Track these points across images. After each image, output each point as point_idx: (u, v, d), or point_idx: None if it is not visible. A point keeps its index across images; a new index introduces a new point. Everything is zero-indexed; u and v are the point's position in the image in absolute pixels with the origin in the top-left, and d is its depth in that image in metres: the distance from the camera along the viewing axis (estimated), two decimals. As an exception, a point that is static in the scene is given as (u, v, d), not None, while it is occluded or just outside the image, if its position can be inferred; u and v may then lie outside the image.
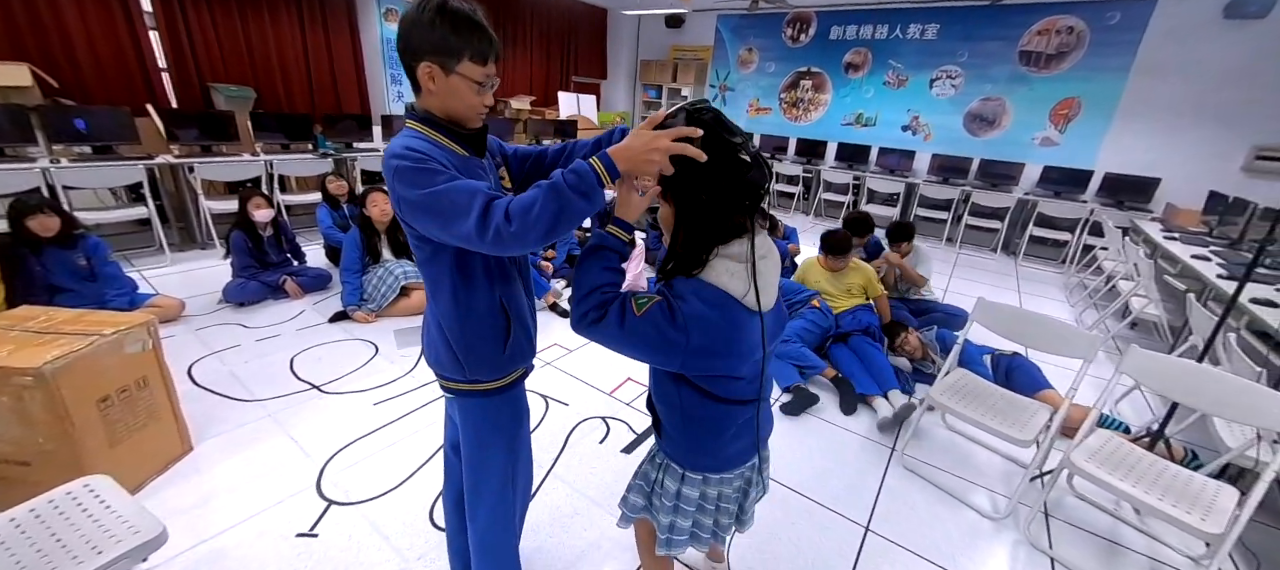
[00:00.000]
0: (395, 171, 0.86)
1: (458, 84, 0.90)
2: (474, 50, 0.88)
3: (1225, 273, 2.79)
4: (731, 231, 0.91)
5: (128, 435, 1.64)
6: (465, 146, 0.97)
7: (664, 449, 1.12)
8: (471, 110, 0.94)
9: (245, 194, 3.14)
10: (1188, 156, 4.87)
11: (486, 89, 0.93)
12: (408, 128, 0.94)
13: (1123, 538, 1.80)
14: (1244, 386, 1.49)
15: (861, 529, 1.75)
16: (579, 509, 1.75)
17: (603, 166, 0.83)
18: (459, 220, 0.82)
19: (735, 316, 0.90)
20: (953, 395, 1.97)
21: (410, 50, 0.88)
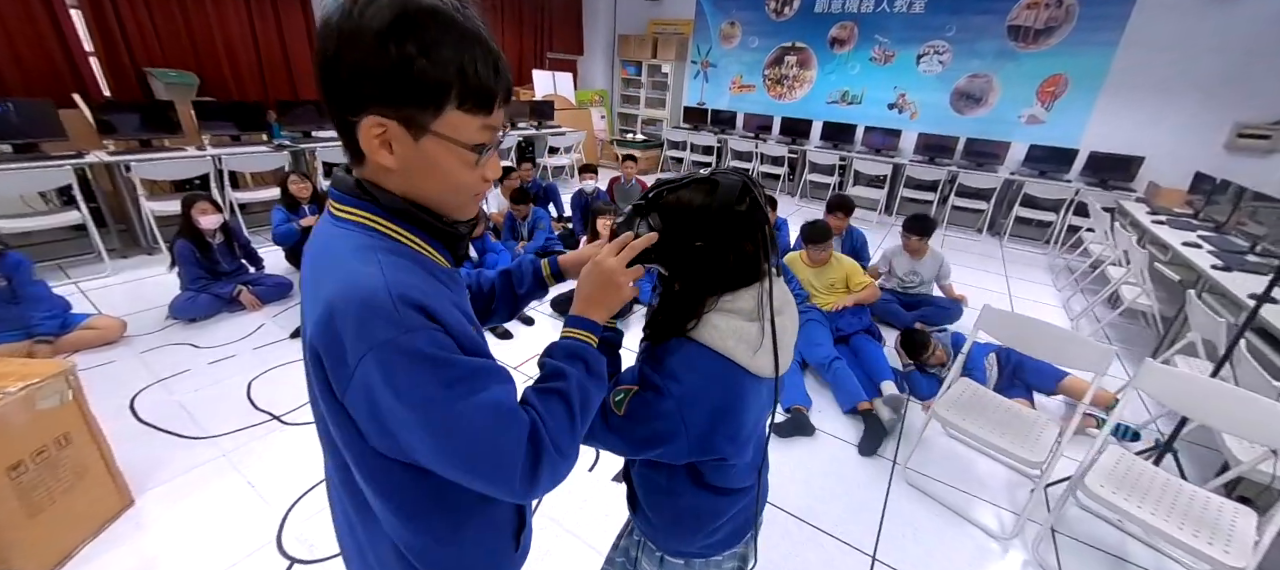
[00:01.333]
0: (384, 355, 0.48)
1: (438, 153, 0.53)
2: (469, 88, 0.51)
3: (1221, 264, 2.75)
4: (741, 277, 0.73)
5: (50, 503, 1.43)
6: (447, 250, 0.62)
7: (639, 526, 0.96)
8: (463, 193, 0.59)
9: (190, 200, 2.84)
10: (1171, 134, 4.86)
11: (490, 153, 0.57)
12: (361, 225, 0.55)
13: (1130, 553, 1.76)
14: (1259, 404, 1.42)
15: (868, 559, 1.67)
16: (569, 550, 1.62)
17: (587, 333, 0.67)
18: (492, 467, 0.52)
19: (740, 389, 0.72)
20: (958, 410, 1.88)
21: (341, 89, 0.50)
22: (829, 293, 2.80)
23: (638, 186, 4.70)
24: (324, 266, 0.55)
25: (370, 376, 0.49)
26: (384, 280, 0.50)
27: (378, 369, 0.48)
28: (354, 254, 0.53)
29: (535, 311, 3.17)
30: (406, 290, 0.51)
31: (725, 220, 0.69)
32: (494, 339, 2.85)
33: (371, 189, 0.56)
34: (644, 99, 8.09)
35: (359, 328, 0.48)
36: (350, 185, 0.57)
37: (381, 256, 0.53)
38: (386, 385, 0.49)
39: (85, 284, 3.13)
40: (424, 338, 0.50)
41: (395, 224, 0.57)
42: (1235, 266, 2.72)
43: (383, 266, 0.51)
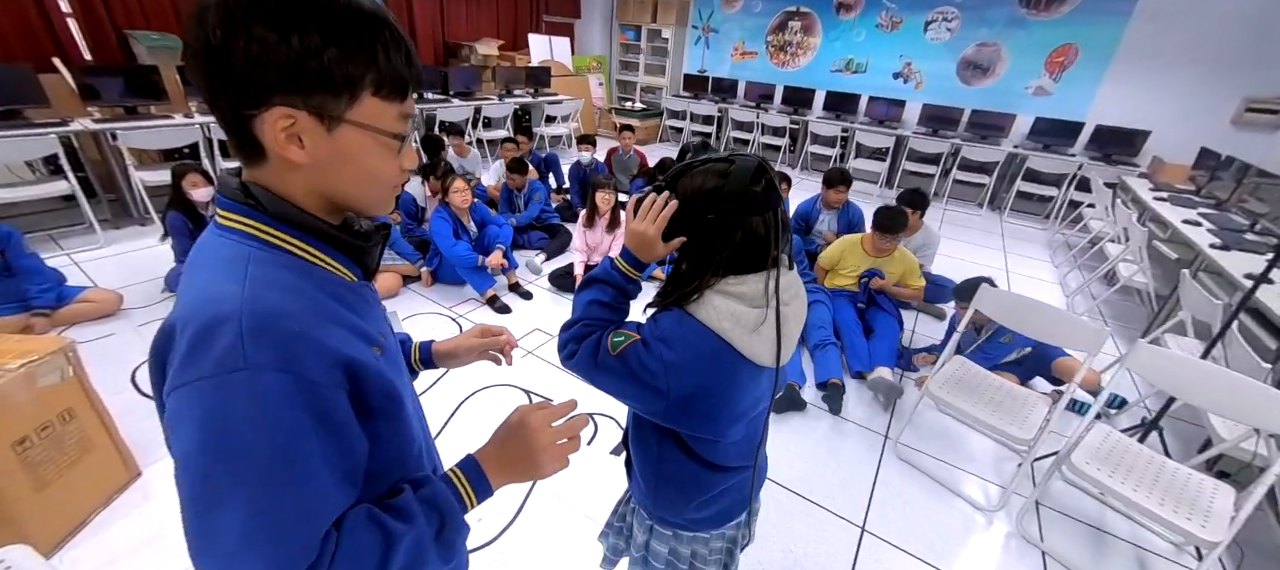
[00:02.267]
0: (198, 394, 0.42)
1: (355, 144, 0.49)
2: (384, 73, 0.48)
3: (1220, 242, 2.75)
4: (748, 261, 0.73)
5: (57, 476, 1.46)
6: (351, 261, 0.56)
7: (633, 492, 1.01)
8: (382, 186, 0.53)
9: (180, 170, 2.78)
10: (1178, 108, 4.78)
11: (408, 141, 0.53)
12: (243, 233, 0.49)
13: (1109, 524, 1.82)
14: (1249, 387, 1.44)
15: (858, 530, 1.72)
16: (569, 522, 1.67)
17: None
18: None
19: (732, 371, 0.74)
20: (951, 388, 1.91)
21: (235, 81, 0.44)
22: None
23: (636, 158, 4.63)
24: (191, 277, 0.49)
25: (177, 411, 0.42)
26: (241, 300, 0.43)
27: (189, 406, 0.42)
28: (221, 265, 0.47)
29: (534, 286, 3.17)
30: (269, 316, 0.43)
31: (739, 199, 0.71)
32: (492, 313, 2.86)
33: (257, 192, 0.49)
34: (643, 66, 7.88)
35: (190, 352, 0.42)
36: (233, 188, 0.50)
37: (253, 269, 0.46)
38: (195, 423, 0.41)
39: (78, 255, 3.11)
40: (262, 380, 0.42)
41: (285, 232, 0.50)
42: (1233, 245, 2.73)
43: (249, 282, 0.45)
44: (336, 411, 0.47)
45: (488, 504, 1.76)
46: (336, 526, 0.47)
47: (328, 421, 0.46)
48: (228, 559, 0.42)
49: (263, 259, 0.48)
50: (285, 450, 0.43)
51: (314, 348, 0.45)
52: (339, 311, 0.51)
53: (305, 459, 0.44)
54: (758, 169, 0.71)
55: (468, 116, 5.52)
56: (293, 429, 0.43)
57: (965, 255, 4.17)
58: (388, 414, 0.53)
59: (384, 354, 0.55)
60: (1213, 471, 1.85)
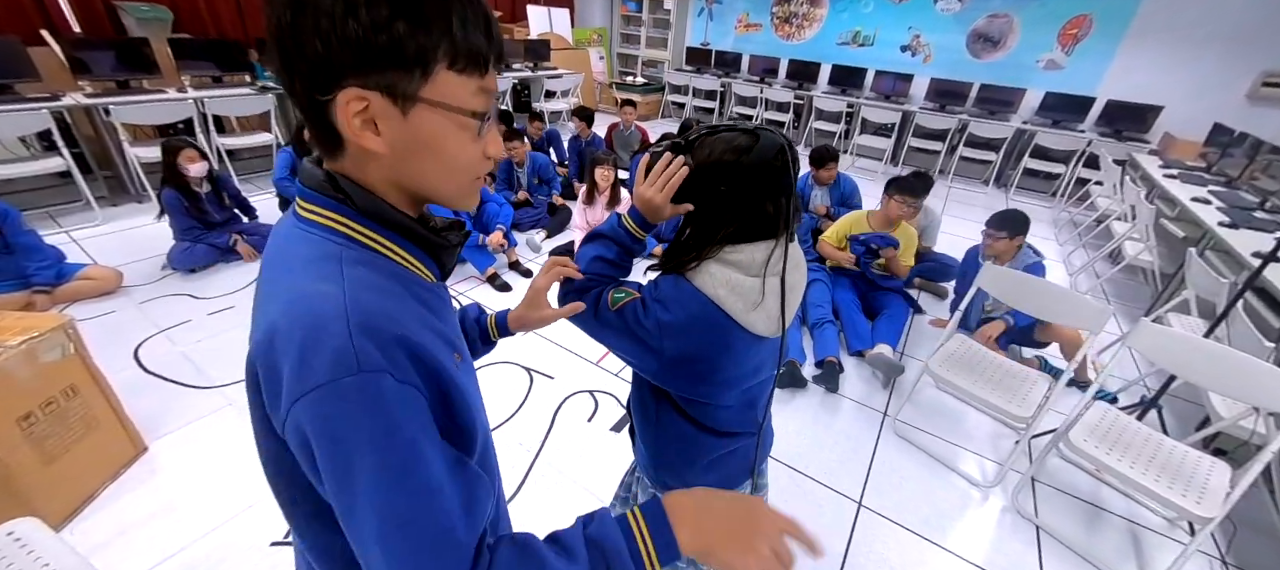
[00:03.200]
0: (323, 399, 0.39)
1: (433, 126, 0.45)
2: (460, 43, 0.44)
3: (1228, 221, 2.72)
4: (752, 231, 0.73)
5: (63, 451, 1.48)
6: (432, 261, 0.54)
7: (637, 459, 1.03)
8: (465, 174, 0.49)
9: (173, 146, 2.75)
10: (1192, 82, 4.66)
11: (489, 123, 0.49)
12: (328, 228, 0.47)
13: (1104, 500, 1.84)
14: (1250, 365, 1.43)
15: (855, 505, 1.75)
16: (571, 497, 1.70)
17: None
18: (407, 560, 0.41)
19: (725, 338, 0.74)
20: (951, 366, 1.92)
21: (306, 63, 0.42)
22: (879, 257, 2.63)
23: (637, 133, 4.56)
24: (277, 277, 0.47)
25: (303, 425, 0.40)
26: (344, 302, 0.42)
27: (313, 418, 0.40)
28: (312, 264, 0.45)
29: (534, 264, 3.16)
30: (373, 317, 0.42)
31: (756, 176, 0.71)
32: (491, 290, 2.85)
33: (345, 185, 0.47)
34: (645, 38, 7.71)
35: (301, 360, 0.40)
36: (319, 180, 0.47)
37: (348, 269, 0.44)
38: (323, 436, 0.40)
39: (76, 233, 3.10)
40: (380, 385, 0.40)
41: (372, 229, 0.48)
42: (1242, 223, 2.69)
43: (347, 283, 0.43)
44: (433, 417, 0.45)
45: (489, 479, 1.76)
46: (490, 549, 0.45)
47: (430, 427, 0.44)
48: (373, 563, 0.42)
49: (353, 258, 0.46)
50: (406, 456, 0.41)
51: (414, 351, 0.43)
52: (425, 313, 0.48)
53: (426, 463, 0.42)
54: (781, 149, 0.70)
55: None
56: (410, 434, 0.42)
57: (970, 234, 4.12)
58: (462, 424, 0.49)
59: (463, 361, 0.52)
60: (1210, 449, 1.86)
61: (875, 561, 1.56)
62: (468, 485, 0.45)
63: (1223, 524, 1.75)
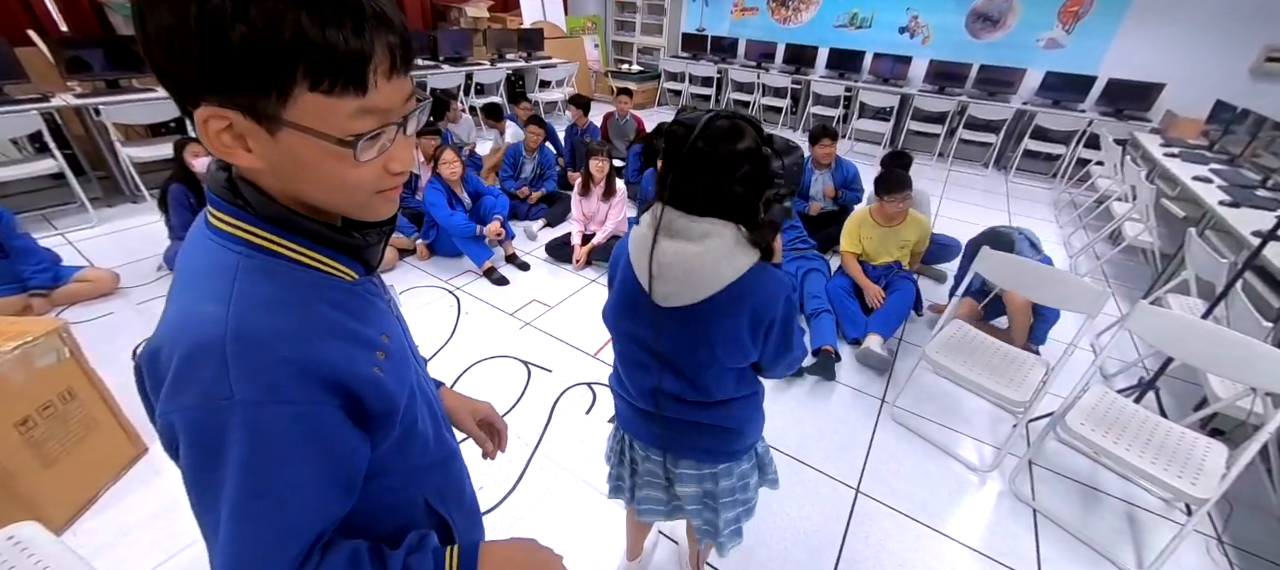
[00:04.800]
0: (189, 418, 0.41)
1: (303, 150, 0.41)
2: (321, 60, 0.37)
3: (1229, 199, 2.69)
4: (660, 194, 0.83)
5: (64, 453, 1.48)
6: (351, 260, 0.51)
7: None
8: (359, 194, 0.45)
9: (181, 141, 2.73)
10: (1195, 59, 4.59)
11: (379, 142, 0.43)
12: (233, 236, 0.45)
13: (1102, 482, 1.85)
14: (1248, 346, 1.43)
15: (852, 491, 1.76)
16: (569, 488, 1.71)
17: None
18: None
19: (627, 280, 0.88)
20: (948, 353, 1.91)
21: (163, 72, 0.38)
22: (890, 257, 2.58)
23: (633, 123, 4.52)
24: (178, 285, 0.46)
25: (174, 430, 0.41)
26: (225, 328, 0.40)
27: (184, 426, 0.41)
28: (206, 279, 0.44)
29: (531, 257, 3.15)
30: (255, 344, 0.41)
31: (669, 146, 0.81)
32: (490, 284, 2.85)
33: (245, 190, 0.44)
34: (640, 25, 7.61)
35: (175, 381, 0.40)
36: (221, 183, 0.45)
37: (242, 285, 0.43)
38: (190, 447, 0.41)
39: (72, 235, 3.09)
40: (250, 413, 0.40)
41: (275, 235, 0.45)
42: (1243, 202, 2.67)
43: (235, 303, 0.41)
44: (329, 428, 0.45)
45: (488, 472, 1.78)
46: (323, 550, 0.46)
47: (320, 439, 0.44)
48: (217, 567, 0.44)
49: (251, 269, 0.44)
50: (267, 481, 0.42)
51: (304, 371, 0.42)
52: (337, 319, 0.47)
53: (289, 486, 0.43)
54: (658, 128, 0.83)
55: (459, 83, 5.37)
56: (279, 458, 0.42)
57: (969, 216, 4.11)
58: (386, 421, 0.50)
59: (387, 357, 0.50)
60: (1207, 430, 1.86)
61: (872, 548, 1.57)
62: (336, 499, 0.47)
63: (1219, 504, 1.75)
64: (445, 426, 0.69)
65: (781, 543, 1.57)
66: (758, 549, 1.55)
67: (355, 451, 0.48)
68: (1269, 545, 1.66)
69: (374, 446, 0.51)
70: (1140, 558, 1.59)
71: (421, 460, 0.60)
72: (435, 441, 0.63)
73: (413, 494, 0.60)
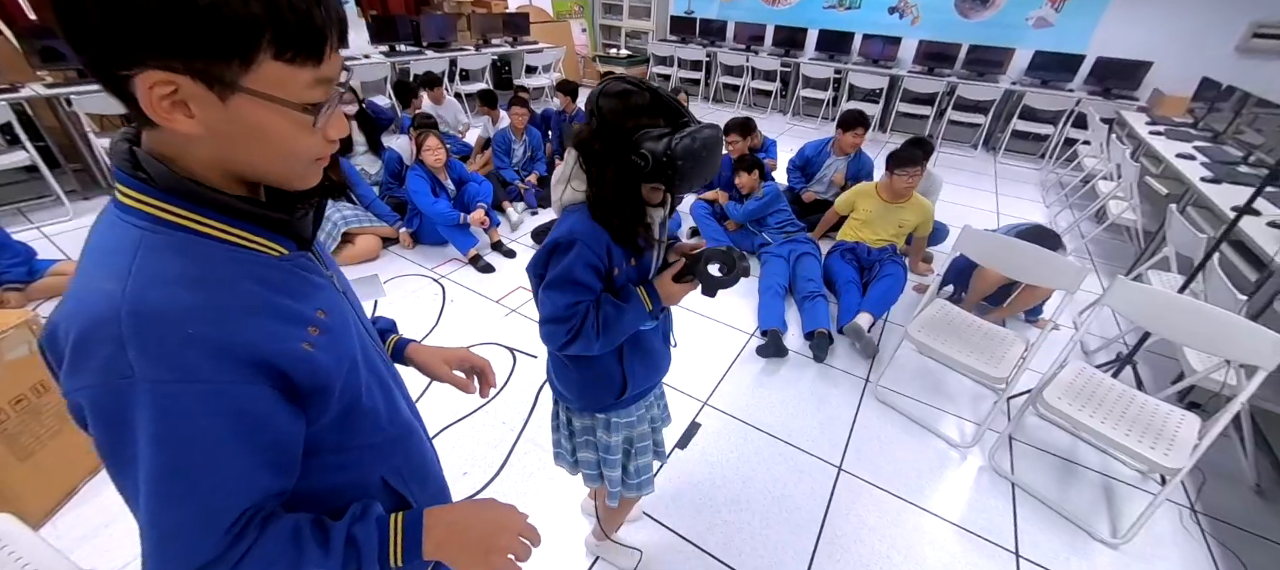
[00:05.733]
0: (75, 400, 0.40)
1: (258, 116, 0.41)
2: (288, 29, 0.39)
3: (1211, 175, 2.71)
4: None
5: (39, 446, 1.47)
6: (278, 235, 0.49)
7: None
8: (299, 161, 0.46)
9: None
10: (1182, 35, 4.59)
11: (331, 110, 0.45)
12: (142, 213, 0.43)
13: (1080, 456, 1.88)
14: (1224, 320, 1.44)
15: (835, 470, 1.77)
16: (554, 473, 1.71)
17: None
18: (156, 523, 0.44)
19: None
20: (930, 331, 1.92)
21: (97, 36, 0.36)
22: (888, 237, 2.57)
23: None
24: (81, 263, 0.44)
25: (81, 413, 0.41)
26: (120, 304, 0.39)
27: (89, 405, 0.40)
28: (106, 257, 0.42)
29: (517, 244, 3.13)
30: (155, 320, 0.39)
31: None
32: (475, 271, 2.83)
33: (146, 161, 0.42)
34: (628, 9, 7.49)
35: (72, 361, 0.39)
36: (122, 155, 0.43)
37: (143, 261, 0.41)
38: (96, 425, 0.41)
39: (48, 229, 3.03)
40: (150, 390, 0.39)
41: (185, 209, 0.43)
42: (1225, 178, 2.68)
43: (133, 279, 0.40)
44: (250, 406, 0.44)
45: (473, 456, 1.78)
46: (263, 523, 0.46)
47: (239, 417, 0.43)
48: (145, 540, 0.44)
49: (156, 245, 0.42)
50: (181, 460, 0.41)
51: (218, 349, 0.41)
52: (260, 295, 0.45)
53: (206, 465, 0.42)
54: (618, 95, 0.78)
55: (443, 69, 5.28)
56: (193, 438, 0.41)
57: (957, 197, 4.11)
58: (321, 397, 0.49)
59: (323, 333, 0.49)
60: (1185, 403, 1.89)
61: (853, 523, 1.59)
62: (266, 477, 0.46)
63: (1192, 474, 1.80)
64: (405, 402, 0.68)
65: (764, 521, 1.59)
66: (740, 526, 1.56)
67: (283, 429, 0.47)
68: (1240, 513, 1.70)
69: (310, 422, 0.50)
70: (1115, 527, 1.62)
71: (373, 438, 0.59)
72: (389, 418, 0.61)
73: (367, 473, 0.60)
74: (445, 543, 0.55)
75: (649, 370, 1.03)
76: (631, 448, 1.13)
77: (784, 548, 1.51)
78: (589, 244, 0.81)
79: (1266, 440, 1.87)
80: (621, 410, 1.06)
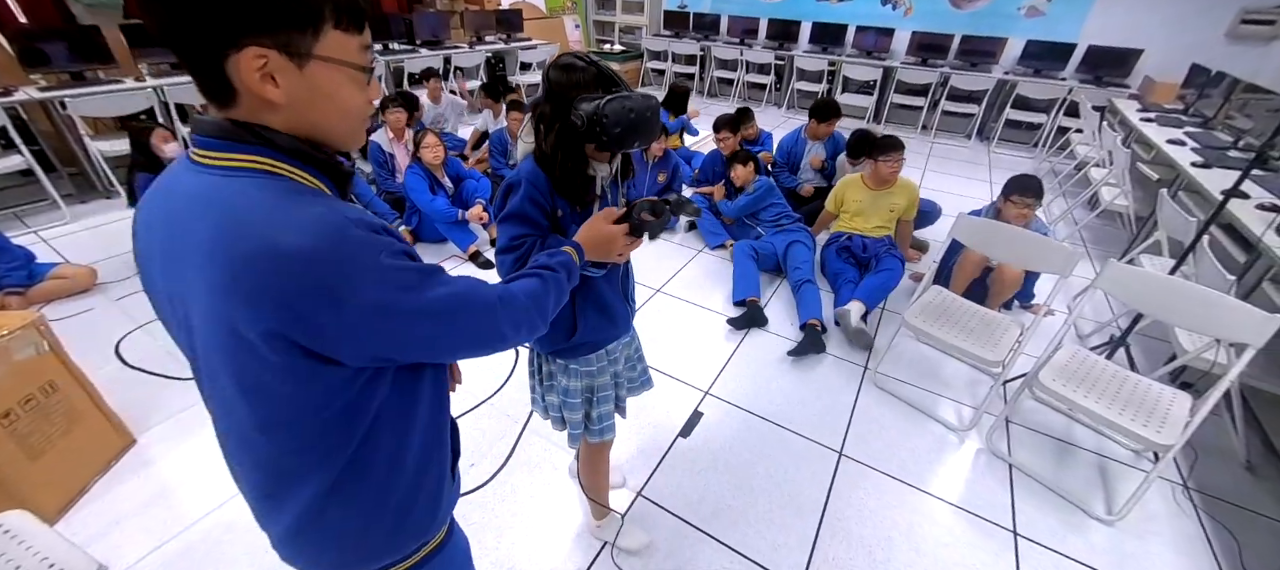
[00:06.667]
0: (349, 265, 0.48)
1: (327, 80, 0.51)
2: (343, 5, 0.50)
3: (1201, 160, 2.75)
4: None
5: (49, 445, 1.48)
6: (337, 188, 0.58)
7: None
8: (355, 119, 0.57)
9: (141, 130, 2.66)
10: (1173, 22, 4.63)
11: (373, 73, 0.57)
12: (260, 172, 0.51)
13: (1075, 437, 1.91)
14: (1212, 299, 1.48)
15: (835, 454, 1.80)
16: (561, 461, 1.74)
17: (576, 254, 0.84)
18: (485, 323, 0.61)
19: None
20: (927, 317, 1.95)
21: (204, 22, 0.45)
22: (878, 224, 2.60)
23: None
24: (232, 223, 0.48)
25: (376, 296, 0.50)
26: (340, 216, 0.49)
27: (378, 287, 0.50)
28: (282, 199, 0.49)
29: (516, 239, 3.14)
30: (357, 219, 0.50)
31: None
32: (475, 269, 2.84)
33: (262, 131, 0.51)
34: (621, 4, 7.48)
35: (344, 262, 0.48)
36: (229, 129, 0.50)
37: (309, 197, 0.51)
38: (392, 291, 0.51)
39: (46, 232, 3.03)
40: (395, 251, 0.52)
41: (292, 165, 0.52)
42: (1215, 163, 2.72)
43: (320, 205, 0.50)
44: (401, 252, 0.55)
45: (480, 449, 1.80)
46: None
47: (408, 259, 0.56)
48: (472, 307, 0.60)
49: (296, 190, 0.51)
50: (438, 276, 0.56)
51: (373, 227, 0.52)
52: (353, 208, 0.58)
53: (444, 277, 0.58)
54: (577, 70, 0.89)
55: (437, 67, 5.27)
56: (427, 271, 0.55)
57: (951, 187, 4.15)
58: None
59: None
60: (1177, 383, 1.93)
61: (855, 507, 1.63)
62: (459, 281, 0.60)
63: (1185, 451, 1.84)
64: None
65: (767, 505, 1.62)
66: (745, 511, 1.59)
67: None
68: (1232, 489, 1.74)
69: None
70: (1110, 505, 1.66)
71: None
72: None
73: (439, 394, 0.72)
74: (591, 247, 0.85)
75: (603, 322, 1.10)
76: (593, 396, 1.21)
77: (788, 530, 1.54)
78: (533, 184, 0.93)
79: (1257, 418, 1.91)
80: (579, 359, 1.14)
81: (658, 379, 2.07)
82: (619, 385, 1.27)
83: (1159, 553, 1.54)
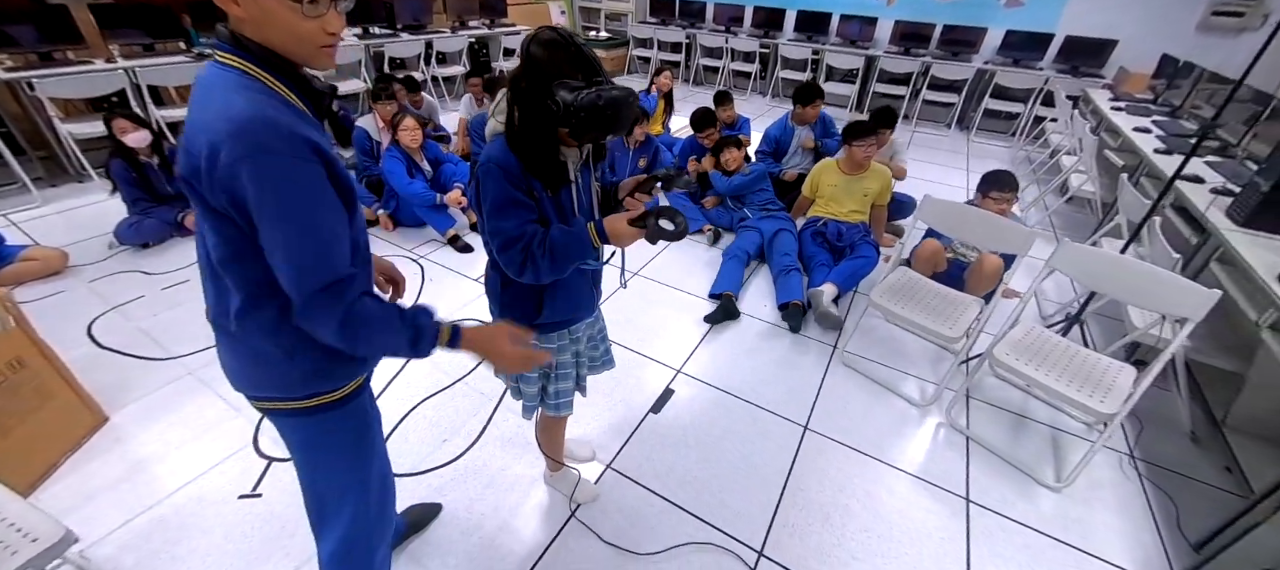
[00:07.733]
0: (257, 164, 0.62)
1: (268, 3, 0.63)
2: None
3: (1164, 147, 2.83)
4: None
5: (19, 423, 1.49)
6: (312, 105, 0.73)
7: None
8: (307, 44, 0.67)
9: (107, 117, 2.64)
10: (1147, 14, 4.71)
11: (325, 6, 0.66)
12: (238, 70, 0.66)
13: (1031, 411, 1.99)
14: (1157, 276, 1.54)
15: (801, 428, 1.86)
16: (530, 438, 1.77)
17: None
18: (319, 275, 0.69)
19: None
20: (891, 296, 2.01)
21: None
22: (853, 209, 2.64)
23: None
24: (204, 102, 0.65)
25: (240, 182, 0.62)
26: (258, 110, 0.62)
27: (249, 178, 0.61)
28: (232, 89, 0.64)
29: (496, 224, 3.15)
30: (277, 120, 0.63)
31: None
32: (454, 252, 2.86)
33: (246, 41, 0.66)
34: (608, -10, 7.43)
35: (230, 142, 0.60)
36: (226, 36, 0.66)
37: (255, 94, 0.64)
38: (256, 186, 0.62)
39: (15, 216, 2.98)
40: (283, 161, 0.63)
41: (265, 71, 0.66)
42: (1177, 149, 2.80)
43: (255, 102, 0.63)
44: (319, 179, 0.68)
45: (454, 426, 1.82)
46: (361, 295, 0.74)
47: (325, 190, 0.68)
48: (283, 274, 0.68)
49: (257, 89, 0.66)
50: (310, 199, 0.66)
51: (306, 139, 0.65)
52: (307, 117, 0.71)
53: (321, 215, 0.68)
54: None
55: (418, 52, 5.21)
56: (308, 196, 0.66)
57: (930, 175, 4.22)
58: (346, 187, 0.73)
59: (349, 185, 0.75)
60: (1132, 360, 2.01)
61: (815, 475, 1.69)
62: (347, 236, 0.73)
63: (1132, 422, 1.92)
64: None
65: (733, 476, 1.67)
66: (710, 482, 1.64)
67: (342, 210, 0.72)
68: (1175, 458, 1.82)
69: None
70: (1059, 474, 1.73)
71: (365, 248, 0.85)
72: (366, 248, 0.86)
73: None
74: (476, 344, 0.85)
75: (569, 304, 1.12)
76: (552, 372, 1.24)
77: (751, 498, 1.60)
78: (504, 166, 0.92)
79: (1202, 391, 2.00)
80: (541, 335, 1.15)
81: (632, 359, 2.12)
82: (580, 364, 1.29)
83: (1102, 517, 1.62)
